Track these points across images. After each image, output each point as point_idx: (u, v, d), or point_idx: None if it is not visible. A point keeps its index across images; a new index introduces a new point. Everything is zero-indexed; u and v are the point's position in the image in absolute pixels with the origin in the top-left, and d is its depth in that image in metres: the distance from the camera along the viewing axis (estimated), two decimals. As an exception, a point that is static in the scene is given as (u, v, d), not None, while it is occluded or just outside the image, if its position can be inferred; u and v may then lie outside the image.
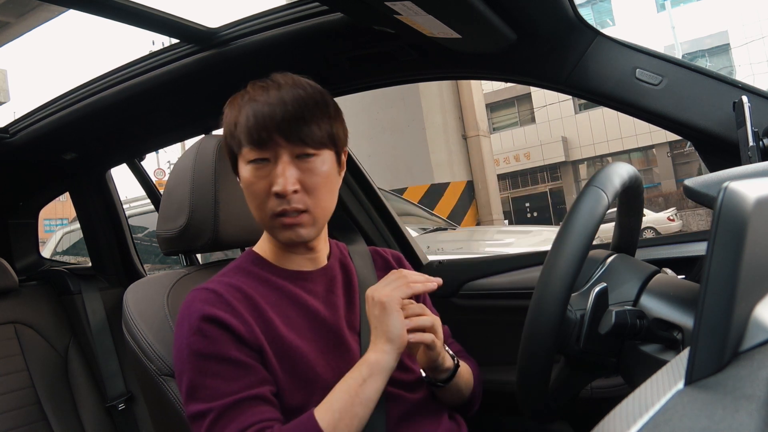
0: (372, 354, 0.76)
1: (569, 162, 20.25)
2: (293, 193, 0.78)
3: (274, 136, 0.77)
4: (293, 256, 0.88)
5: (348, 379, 0.75)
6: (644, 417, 0.30)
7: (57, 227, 5.35)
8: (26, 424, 1.47)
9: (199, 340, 0.76)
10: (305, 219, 0.80)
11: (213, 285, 0.82)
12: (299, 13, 1.10)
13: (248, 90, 0.81)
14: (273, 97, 0.78)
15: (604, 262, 0.76)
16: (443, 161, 6.24)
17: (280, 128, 0.77)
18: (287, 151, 0.78)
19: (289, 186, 0.77)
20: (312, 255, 0.90)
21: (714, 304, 0.35)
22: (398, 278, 0.79)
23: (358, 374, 0.75)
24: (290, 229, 0.80)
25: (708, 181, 0.55)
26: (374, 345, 0.76)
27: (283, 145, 0.78)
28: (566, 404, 0.75)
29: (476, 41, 1.00)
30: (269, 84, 0.80)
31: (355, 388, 0.73)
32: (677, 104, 0.96)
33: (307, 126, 0.78)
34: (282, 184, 0.77)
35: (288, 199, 0.78)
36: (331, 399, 0.74)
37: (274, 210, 0.79)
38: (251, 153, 0.79)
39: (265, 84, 0.81)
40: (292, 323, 0.82)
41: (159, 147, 1.87)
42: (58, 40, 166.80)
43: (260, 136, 0.77)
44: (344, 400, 0.73)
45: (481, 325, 1.39)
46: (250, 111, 0.78)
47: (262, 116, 0.77)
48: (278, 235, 0.82)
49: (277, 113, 0.77)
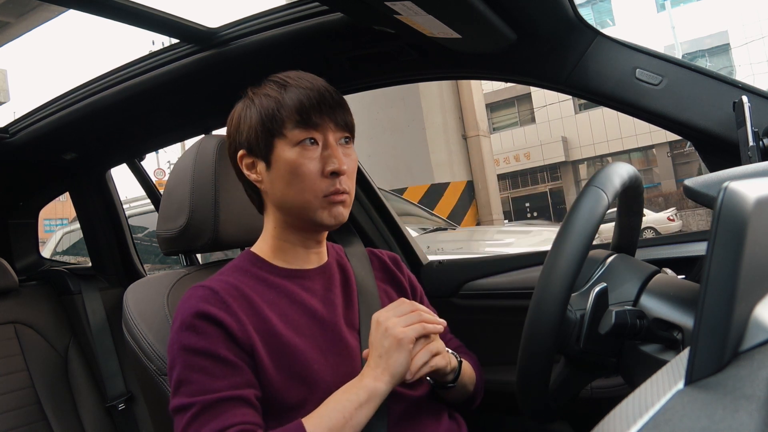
0: (371, 381, 0.75)
1: (569, 162, 20.25)
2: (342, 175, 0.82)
3: (326, 119, 0.81)
4: (294, 254, 0.89)
5: (343, 400, 0.74)
6: (644, 417, 0.30)
7: (57, 227, 5.35)
8: (26, 424, 1.47)
9: (189, 336, 0.76)
10: (348, 200, 0.84)
11: (210, 283, 0.82)
12: (299, 13, 1.10)
13: (276, 79, 0.84)
14: (317, 83, 0.83)
15: (604, 262, 0.76)
16: (443, 161, 6.24)
17: (331, 111, 0.82)
18: (334, 135, 0.83)
19: (343, 165, 0.81)
20: (318, 249, 0.91)
21: (714, 304, 0.35)
22: (412, 313, 0.79)
23: (355, 397, 0.74)
24: (336, 206, 0.83)
25: (708, 181, 0.55)
26: (374, 371, 0.76)
27: (332, 128, 0.82)
28: (566, 404, 0.75)
29: (476, 41, 1.00)
30: (293, 75, 0.84)
31: (351, 411, 0.73)
32: (677, 104, 0.96)
33: (347, 113, 0.84)
34: (338, 163, 0.81)
35: (340, 180, 0.82)
36: (325, 415, 0.73)
37: (326, 190, 0.82)
38: (301, 134, 0.81)
39: (289, 75, 0.84)
40: (290, 321, 0.83)
41: (159, 147, 1.87)
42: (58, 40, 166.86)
43: (312, 118, 0.81)
44: (337, 420, 0.72)
45: (481, 325, 1.39)
46: (301, 93, 0.81)
47: (315, 99, 0.81)
48: (325, 216, 0.83)
49: (326, 97, 0.82)
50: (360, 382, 0.76)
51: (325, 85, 0.83)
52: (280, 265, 0.88)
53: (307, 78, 0.84)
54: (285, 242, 0.88)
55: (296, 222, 0.86)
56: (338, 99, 0.83)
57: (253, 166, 0.86)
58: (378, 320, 0.78)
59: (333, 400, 0.75)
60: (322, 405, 0.75)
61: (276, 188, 0.84)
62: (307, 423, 0.73)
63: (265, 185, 0.85)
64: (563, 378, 0.73)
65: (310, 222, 0.85)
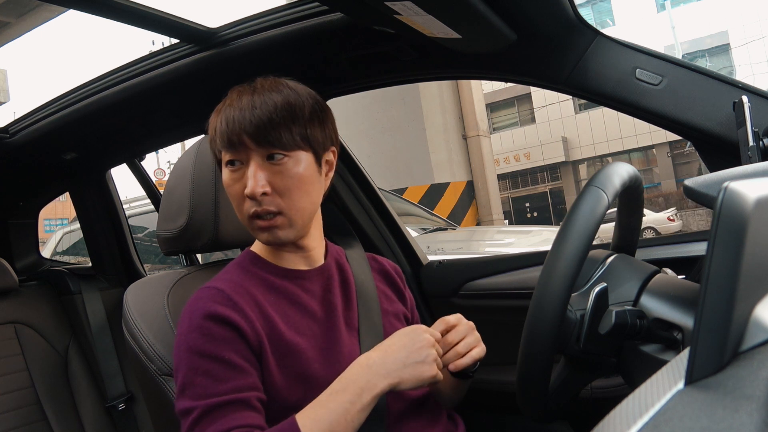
0: (379, 383, 0.73)
1: (569, 162, 20.25)
2: (263, 195, 0.79)
3: (244, 139, 0.79)
4: (287, 255, 0.89)
5: (346, 402, 0.72)
6: (644, 417, 0.30)
7: (57, 227, 5.35)
8: (26, 424, 1.47)
9: (197, 338, 0.76)
10: (280, 221, 0.82)
11: (218, 283, 0.82)
12: (299, 13, 1.10)
13: (229, 95, 0.85)
14: (245, 102, 0.81)
15: (604, 262, 0.76)
16: (443, 161, 6.24)
17: (247, 132, 0.79)
18: (257, 154, 0.80)
19: (257, 188, 0.79)
20: (305, 254, 0.90)
21: (714, 304, 0.35)
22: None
23: (357, 399, 0.72)
24: (266, 231, 0.82)
25: (708, 181, 0.55)
26: (386, 375, 0.74)
27: (253, 148, 0.80)
28: (566, 404, 0.75)
29: (476, 41, 1.00)
30: (246, 89, 0.83)
31: (354, 414, 0.72)
32: (677, 104, 0.96)
33: (275, 129, 0.79)
34: (251, 186, 0.79)
35: (259, 201, 0.80)
36: (323, 416, 0.71)
37: (248, 212, 0.81)
38: (226, 155, 0.82)
39: (243, 89, 0.84)
40: (292, 322, 0.83)
41: (159, 147, 1.87)
42: (58, 40, 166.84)
43: (231, 140, 0.80)
44: (339, 422, 0.71)
45: (481, 325, 1.38)
46: (224, 116, 0.81)
47: (233, 120, 0.80)
48: (258, 237, 0.85)
49: (246, 117, 0.79)
50: (367, 383, 0.73)
51: (250, 103, 0.80)
52: (279, 264, 0.88)
53: (245, 92, 0.82)
54: (272, 246, 0.89)
55: None
56: (264, 116, 0.79)
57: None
58: (422, 332, 0.78)
59: (333, 401, 0.73)
60: (318, 405, 0.73)
61: None
62: (303, 422, 0.71)
63: None
64: (563, 378, 0.73)
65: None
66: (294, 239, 0.85)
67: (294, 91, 0.83)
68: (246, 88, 0.84)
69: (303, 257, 0.90)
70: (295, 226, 0.83)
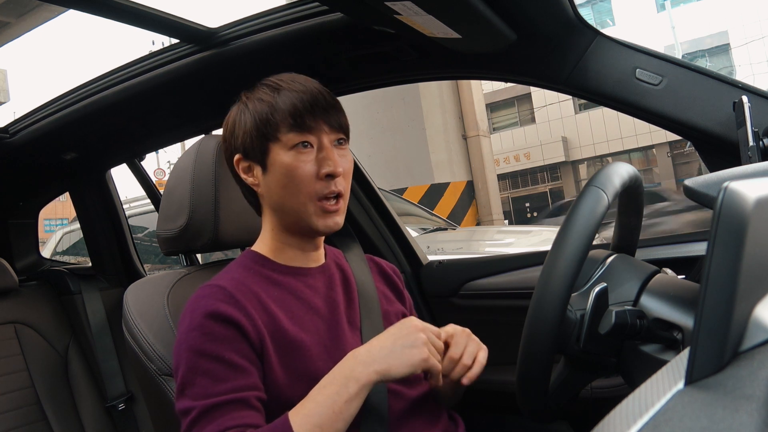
0: (364, 373, 0.72)
1: (569, 162, 20.24)
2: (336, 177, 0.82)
3: (320, 121, 0.82)
4: (291, 253, 0.89)
5: (332, 394, 0.71)
6: (644, 417, 0.30)
7: (57, 227, 5.35)
8: (26, 424, 1.47)
9: (197, 337, 0.76)
10: (342, 206, 0.85)
11: (219, 281, 0.82)
12: (299, 13, 1.10)
13: (269, 83, 0.85)
14: (310, 86, 0.83)
15: (604, 262, 0.76)
16: (443, 161, 6.24)
17: (325, 113, 0.82)
18: (328, 137, 0.83)
19: (338, 168, 0.81)
20: (316, 252, 0.91)
21: (714, 304, 0.35)
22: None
23: (343, 390, 0.71)
24: (331, 216, 0.83)
25: (708, 181, 0.55)
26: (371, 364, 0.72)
27: (326, 130, 0.83)
28: (566, 404, 0.75)
29: (476, 41, 1.00)
30: (286, 78, 0.85)
31: (341, 405, 0.71)
32: (677, 104, 0.96)
33: (340, 114, 0.84)
34: (333, 165, 0.81)
35: (335, 182, 0.82)
36: (312, 410, 0.71)
37: (321, 192, 0.82)
38: (295, 137, 0.82)
39: (281, 78, 0.85)
40: (296, 318, 0.83)
41: (159, 147, 1.87)
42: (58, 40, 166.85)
43: (305, 121, 0.81)
44: (327, 416, 0.70)
45: (481, 325, 1.38)
46: (294, 97, 0.82)
47: (308, 102, 0.81)
48: (318, 222, 0.84)
49: (320, 100, 0.82)
50: (351, 372, 0.72)
51: (318, 87, 0.84)
52: (283, 262, 0.89)
53: (300, 80, 0.84)
54: (283, 243, 0.89)
55: (292, 226, 0.87)
56: (331, 101, 0.84)
57: (249, 170, 0.86)
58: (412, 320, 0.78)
59: (321, 394, 0.72)
60: (308, 399, 0.73)
61: (273, 191, 0.84)
62: (294, 420, 0.70)
63: (262, 189, 0.86)
64: (563, 378, 0.73)
65: (306, 226, 0.85)
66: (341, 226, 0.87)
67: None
68: (284, 77, 0.85)
69: (307, 255, 0.90)
70: (344, 212, 0.86)
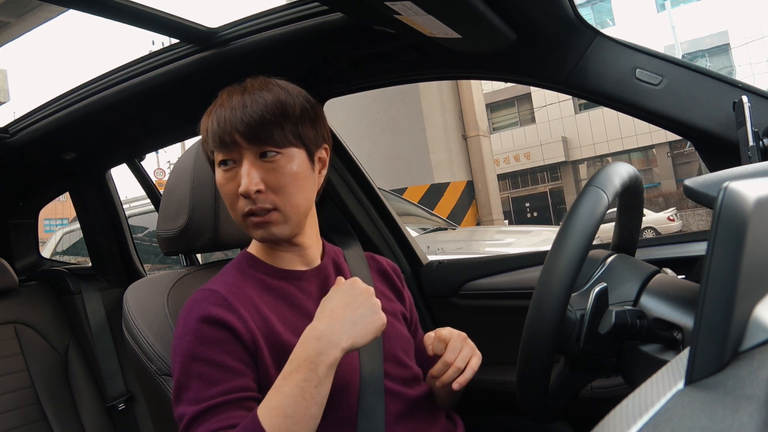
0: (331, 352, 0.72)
1: (569, 162, 20.24)
2: (257, 193, 0.80)
3: (236, 138, 0.80)
4: (283, 254, 0.89)
5: (300, 381, 0.71)
6: (644, 417, 0.30)
7: (57, 227, 5.35)
8: (26, 424, 1.47)
9: (190, 341, 0.76)
10: (275, 217, 0.82)
11: (213, 285, 0.83)
12: (299, 13, 1.10)
13: (219, 96, 0.85)
14: (236, 101, 0.81)
15: (604, 262, 0.76)
16: (443, 161, 6.23)
17: (239, 130, 0.79)
18: (250, 153, 0.81)
19: (251, 186, 0.79)
20: (301, 252, 0.90)
21: (714, 304, 0.35)
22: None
23: (312, 375, 0.71)
24: (261, 227, 0.82)
25: (708, 181, 0.55)
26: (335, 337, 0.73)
27: (245, 146, 0.80)
28: (566, 404, 0.75)
29: (476, 41, 1.00)
30: (236, 89, 0.84)
31: (311, 391, 0.70)
32: (677, 104, 0.96)
33: (266, 127, 0.80)
34: (245, 184, 0.79)
35: (253, 199, 0.80)
36: (281, 402, 0.70)
37: (242, 210, 0.82)
38: (219, 155, 0.83)
39: (233, 89, 0.84)
40: (289, 323, 0.83)
41: (159, 147, 1.87)
42: (58, 40, 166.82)
43: (222, 139, 0.80)
44: (298, 404, 0.70)
45: (481, 325, 1.39)
46: (215, 116, 0.82)
47: (224, 120, 0.80)
48: (252, 234, 0.84)
49: (237, 116, 0.80)
50: (318, 355, 0.72)
51: (241, 102, 0.81)
52: (276, 265, 0.88)
53: (236, 92, 0.83)
54: (269, 247, 0.89)
55: None
56: (255, 114, 0.79)
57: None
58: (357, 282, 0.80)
59: (287, 384, 0.71)
60: (274, 391, 0.72)
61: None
62: (263, 414, 0.70)
63: None
64: (563, 378, 0.73)
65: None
66: (289, 236, 0.85)
67: (284, 89, 0.84)
68: (236, 88, 0.84)
69: (299, 257, 0.90)
70: (290, 222, 0.83)
